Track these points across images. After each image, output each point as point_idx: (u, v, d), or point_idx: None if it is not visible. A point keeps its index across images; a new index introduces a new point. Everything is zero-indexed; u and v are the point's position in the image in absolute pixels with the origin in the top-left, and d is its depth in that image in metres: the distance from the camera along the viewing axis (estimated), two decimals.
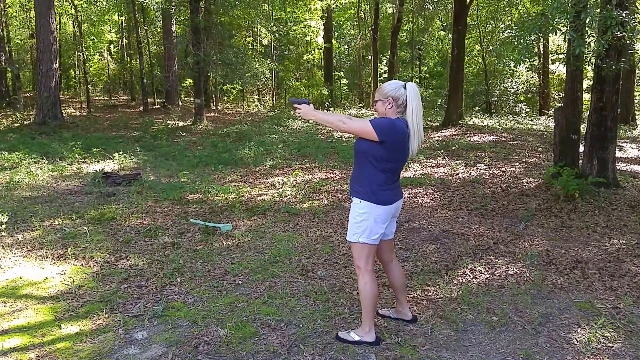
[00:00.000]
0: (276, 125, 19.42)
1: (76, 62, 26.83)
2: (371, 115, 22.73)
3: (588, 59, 8.98)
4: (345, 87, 33.27)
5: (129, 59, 30.64)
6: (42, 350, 4.01)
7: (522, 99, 27.67)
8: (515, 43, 8.47)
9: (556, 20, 7.81)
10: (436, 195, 9.06)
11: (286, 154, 13.41)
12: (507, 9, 22.96)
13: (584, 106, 14.10)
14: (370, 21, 31.12)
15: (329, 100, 28.43)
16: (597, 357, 3.93)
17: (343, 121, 3.88)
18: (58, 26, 23.95)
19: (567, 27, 7.82)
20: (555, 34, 7.96)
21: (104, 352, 4.00)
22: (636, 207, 8.07)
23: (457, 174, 10.66)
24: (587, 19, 7.38)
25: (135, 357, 3.94)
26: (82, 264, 5.87)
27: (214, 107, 25.54)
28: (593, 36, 8.11)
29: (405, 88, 3.83)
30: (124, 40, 33.19)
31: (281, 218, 7.73)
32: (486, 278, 5.43)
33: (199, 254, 6.17)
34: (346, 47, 38.23)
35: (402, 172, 10.91)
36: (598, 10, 7.98)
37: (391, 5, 29.51)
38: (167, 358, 3.91)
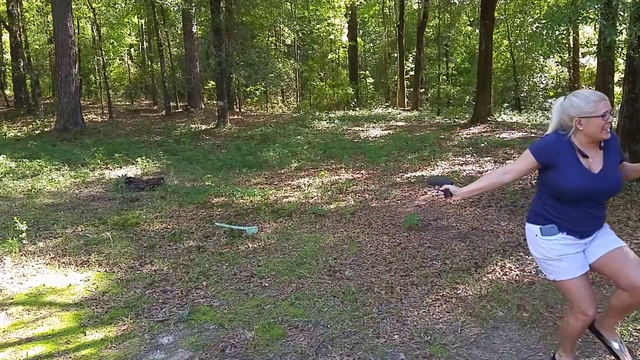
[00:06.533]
0: (301, 126, 19.37)
1: (96, 67, 26.83)
2: (398, 115, 22.60)
3: (619, 49, 8.80)
4: (371, 86, 33.11)
5: (150, 62, 30.54)
6: (66, 358, 4.03)
7: (551, 94, 27.26)
8: (544, 36, 8.32)
9: (586, 8, 7.66)
10: None
11: (312, 155, 13.37)
12: (536, 1, 22.67)
13: (615, 98, 13.83)
14: (395, 17, 30.96)
15: (355, 100, 28.32)
16: (630, 350, 3.83)
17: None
18: (76, 30, 23.89)
19: (597, 16, 7.65)
20: (586, 24, 7.80)
21: (130, 357, 4.00)
22: None
23: (486, 171, 10.52)
24: (619, 7, 7.21)
25: None
26: (105, 270, 5.90)
27: (238, 110, 25.59)
28: (624, 24, 7.92)
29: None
30: (145, 43, 32.98)
31: (307, 219, 7.70)
32: (516, 275, 5.33)
33: (225, 257, 6.17)
34: (371, 44, 38.02)
35: (429, 169, 10.71)
36: None
37: (416, 0, 29.34)
38: None
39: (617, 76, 17.07)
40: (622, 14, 7.61)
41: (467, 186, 3.37)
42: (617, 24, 7.83)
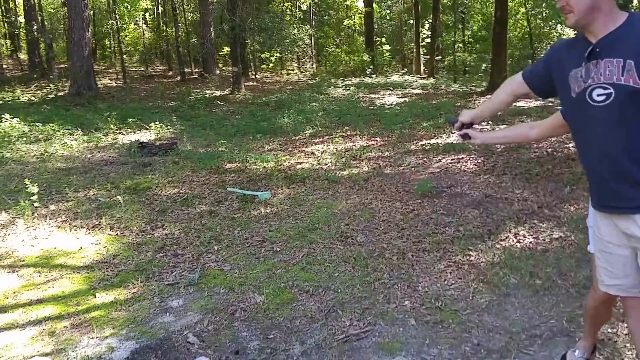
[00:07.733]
0: (317, 93, 19.20)
1: (110, 32, 26.60)
2: (414, 82, 22.35)
3: None
4: (387, 53, 32.73)
5: (164, 27, 30.35)
6: (76, 319, 4.05)
7: None
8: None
9: None
10: (479, 161, 8.85)
11: (326, 122, 13.27)
12: None
13: None
14: None
15: (371, 67, 28.03)
16: None
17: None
18: None
19: None
20: None
21: (139, 319, 4.01)
22: None
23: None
24: None
25: (170, 324, 3.94)
26: (117, 234, 5.91)
27: (253, 76, 25.41)
28: None
29: None
30: (159, 7, 32.77)
31: (320, 185, 7.65)
32: (530, 242, 5.28)
33: (237, 222, 6.15)
34: (387, 11, 37.50)
35: (444, 137, 10.58)
36: None
37: None
38: (203, 325, 3.90)
39: None
40: None
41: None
42: None
